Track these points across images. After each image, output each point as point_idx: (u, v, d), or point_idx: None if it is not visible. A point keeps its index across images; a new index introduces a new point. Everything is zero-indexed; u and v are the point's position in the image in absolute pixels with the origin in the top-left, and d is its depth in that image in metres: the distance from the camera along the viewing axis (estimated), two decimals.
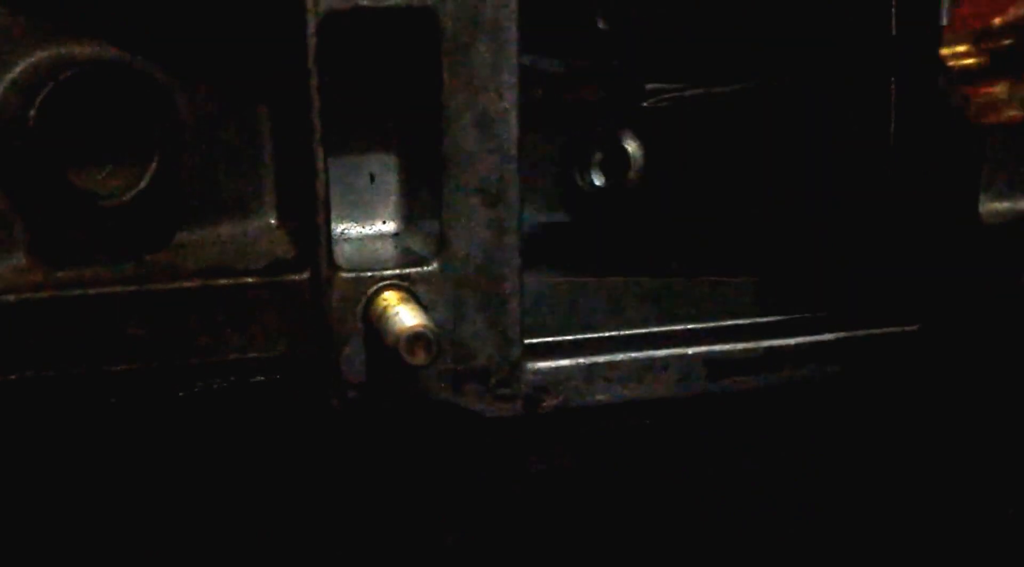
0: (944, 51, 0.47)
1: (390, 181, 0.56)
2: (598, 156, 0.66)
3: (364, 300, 0.50)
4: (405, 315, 0.48)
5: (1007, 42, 0.45)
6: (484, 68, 0.49)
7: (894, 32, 0.56)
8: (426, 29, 0.48)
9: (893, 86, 0.56)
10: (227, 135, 0.53)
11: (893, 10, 0.56)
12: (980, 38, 0.46)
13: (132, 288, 0.49)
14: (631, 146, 0.66)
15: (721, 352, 0.55)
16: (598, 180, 0.66)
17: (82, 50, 0.49)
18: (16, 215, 0.49)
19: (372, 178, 0.56)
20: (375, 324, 0.50)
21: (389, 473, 0.53)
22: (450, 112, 0.49)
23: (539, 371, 0.53)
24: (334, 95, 0.49)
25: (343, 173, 0.54)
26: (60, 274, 0.49)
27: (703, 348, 0.55)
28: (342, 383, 0.51)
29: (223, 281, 0.50)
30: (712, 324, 0.57)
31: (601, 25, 0.64)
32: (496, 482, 0.54)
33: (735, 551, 0.59)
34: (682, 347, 0.55)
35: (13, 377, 0.48)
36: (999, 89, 0.46)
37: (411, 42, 0.50)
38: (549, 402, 0.54)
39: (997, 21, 0.45)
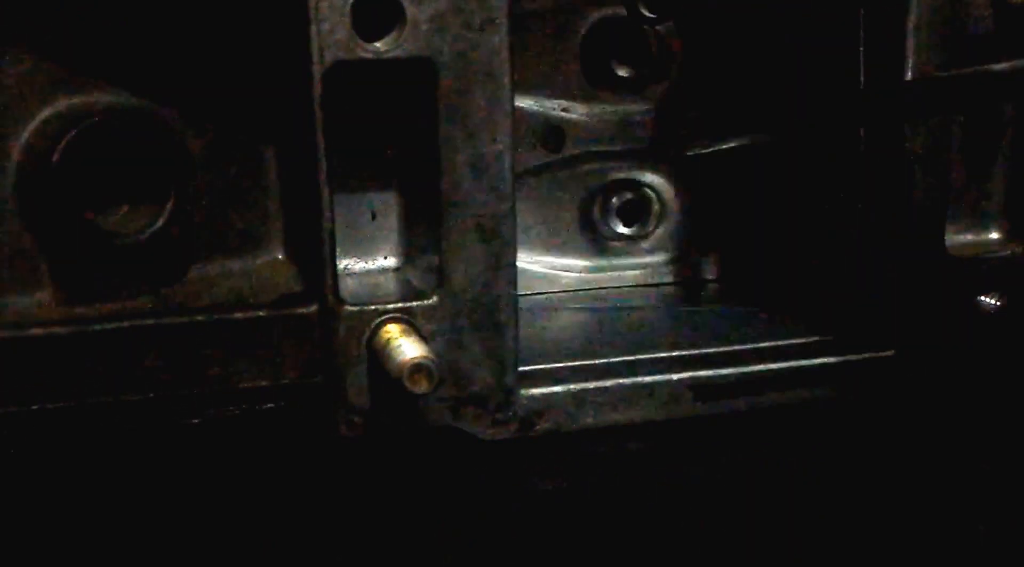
0: None
1: (391, 218, 0.62)
2: (616, 202, 0.74)
3: (368, 332, 0.56)
4: (407, 347, 0.54)
5: None
6: (479, 113, 0.55)
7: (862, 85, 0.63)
8: (425, 77, 0.55)
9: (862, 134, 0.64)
10: (235, 174, 0.59)
11: (861, 66, 0.63)
12: None
13: (149, 322, 0.55)
14: (654, 192, 0.74)
15: (705, 377, 0.61)
16: (620, 228, 0.74)
17: (102, 98, 0.56)
18: (41, 254, 0.55)
19: (373, 215, 0.62)
20: (379, 355, 0.56)
21: (392, 492, 0.59)
22: (447, 154, 0.56)
23: (532, 397, 0.59)
24: (337, 137, 0.56)
25: (346, 210, 0.61)
26: (82, 309, 0.55)
27: (688, 374, 0.61)
28: (348, 409, 0.57)
29: (235, 315, 0.56)
30: (697, 351, 0.63)
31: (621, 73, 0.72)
32: (493, 500, 0.60)
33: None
34: (668, 373, 0.61)
35: (37, 406, 0.54)
36: None
37: (410, 89, 0.56)
38: (542, 425, 0.60)
39: None
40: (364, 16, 0.53)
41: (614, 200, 0.73)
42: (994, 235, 0.67)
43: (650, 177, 0.73)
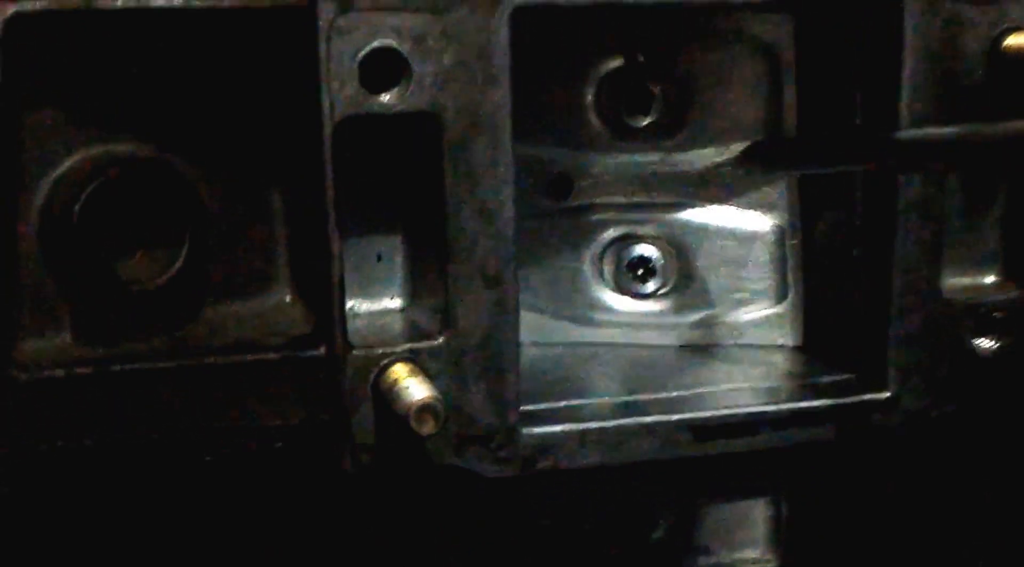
0: None
1: (396, 260, 0.67)
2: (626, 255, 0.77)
3: (375, 372, 0.61)
4: (415, 388, 0.59)
5: None
6: (482, 164, 0.60)
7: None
8: (430, 130, 0.59)
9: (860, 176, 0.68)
10: (246, 220, 0.63)
11: (857, 106, 0.67)
12: None
13: (164, 364, 0.59)
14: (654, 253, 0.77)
15: (703, 418, 0.66)
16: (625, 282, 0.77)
17: (120, 148, 0.60)
18: (61, 298, 0.60)
19: (379, 258, 0.66)
20: (386, 395, 0.60)
21: (398, 528, 0.64)
22: (452, 202, 0.60)
23: (534, 436, 0.64)
24: (345, 183, 0.60)
25: (353, 253, 0.65)
26: (101, 351, 0.60)
27: (687, 414, 0.66)
28: (355, 448, 0.61)
29: (246, 357, 0.60)
30: (696, 391, 0.68)
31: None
32: (496, 536, 0.65)
33: None
34: (667, 413, 0.66)
35: (60, 445, 0.59)
36: None
37: (416, 139, 0.61)
38: (544, 464, 0.64)
39: None
40: (372, 71, 0.58)
41: (624, 252, 0.76)
42: (991, 278, 0.71)
43: (659, 230, 0.76)
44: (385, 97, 0.58)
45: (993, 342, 0.68)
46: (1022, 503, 0.70)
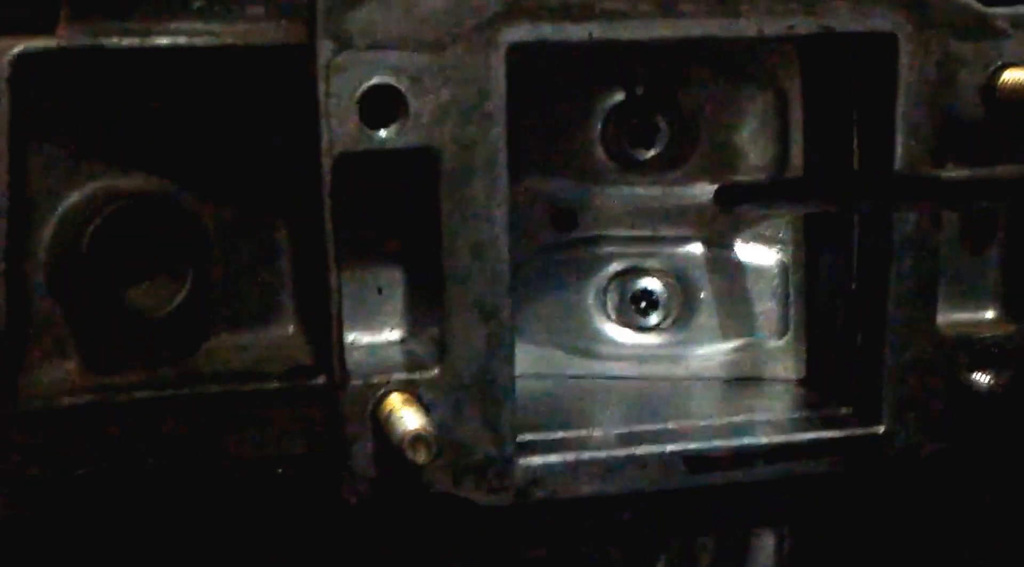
0: None
1: (396, 293, 0.68)
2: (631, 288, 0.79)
3: (373, 402, 0.62)
4: (409, 418, 0.60)
5: None
6: (479, 200, 0.62)
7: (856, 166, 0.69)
8: (427, 165, 0.61)
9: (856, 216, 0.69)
10: (250, 252, 0.66)
11: (855, 149, 0.69)
12: None
13: (168, 393, 0.61)
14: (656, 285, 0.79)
15: (696, 449, 0.67)
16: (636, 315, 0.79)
17: (126, 182, 0.63)
18: (68, 327, 0.62)
19: (380, 291, 0.68)
20: (382, 424, 0.62)
21: (397, 557, 0.65)
22: (448, 238, 0.62)
23: (530, 466, 0.65)
24: (346, 217, 0.62)
25: (354, 286, 0.67)
26: (106, 380, 0.62)
27: (680, 445, 0.67)
28: (354, 477, 0.63)
29: (248, 386, 0.62)
30: (693, 423, 0.69)
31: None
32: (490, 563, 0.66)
33: None
34: (661, 445, 0.67)
35: (66, 471, 0.61)
36: None
37: (414, 175, 0.63)
38: (539, 493, 0.66)
39: None
40: (370, 108, 0.60)
41: (628, 285, 0.77)
42: (989, 315, 0.72)
43: (662, 263, 0.78)
44: (383, 133, 0.60)
45: (989, 378, 0.69)
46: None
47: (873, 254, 0.69)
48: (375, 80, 0.60)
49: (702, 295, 0.77)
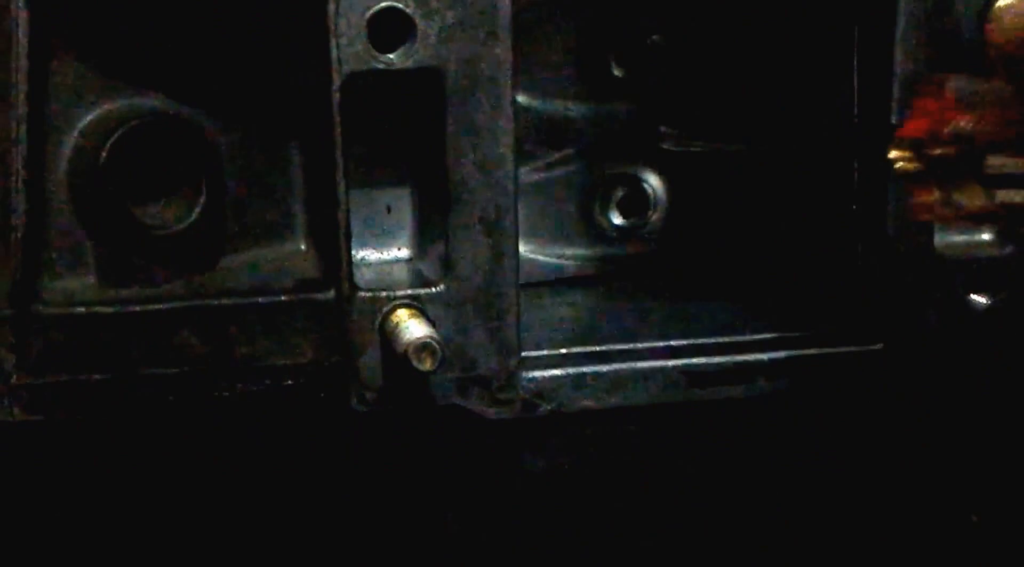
0: (892, 154, 0.61)
1: (405, 212, 0.71)
2: (619, 196, 0.82)
3: (380, 316, 0.65)
4: (414, 328, 0.63)
5: (941, 152, 0.58)
6: (483, 117, 0.64)
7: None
8: (433, 85, 0.64)
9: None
10: (262, 170, 0.68)
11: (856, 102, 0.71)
12: (921, 146, 0.59)
13: (182, 304, 0.64)
14: (651, 187, 0.82)
15: (698, 365, 0.69)
16: (618, 220, 0.82)
17: (142, 102, 0.65)
18: (88, 243, 0.65)
19: (389, 209, 0.71)
20: (389, 336, 0.64)
21: (401, 467, 0.68)
22: (454, 155, 0.64)
23: (534, 379, 0.68)
24: (356, 137, 0.65)
25: (363, 205, 0.70)
26: (123, 292, 0.65)
27: (682, 361, 0.69)
28: (361, 386, 0.66)
29: (259, 299, 0.65)
30: (692, 341, 0.71)
31: (616, 73, 0.79)
32: (497, 477, 0.69)
33: (719, 548, 0.73)
34: (663, 360, 0.69)
35: (83, 377, 0.64)
36: (935, 195, 0.59)
37: (421, 95, 0.65)
38: (544, 407, 0.68)
39: (937, 132, 0.58)
40: (379, 30, 0.62)
41: (613, 193, 0.81)
42: (986, 236, 0.74)
43: (646, 172, 0.81)
44: (391, 55, 0.63)
45: (987, 298, 0.71)
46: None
47: (872, 176, 0.71)
48: (384, 3, 0.62)
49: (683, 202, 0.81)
